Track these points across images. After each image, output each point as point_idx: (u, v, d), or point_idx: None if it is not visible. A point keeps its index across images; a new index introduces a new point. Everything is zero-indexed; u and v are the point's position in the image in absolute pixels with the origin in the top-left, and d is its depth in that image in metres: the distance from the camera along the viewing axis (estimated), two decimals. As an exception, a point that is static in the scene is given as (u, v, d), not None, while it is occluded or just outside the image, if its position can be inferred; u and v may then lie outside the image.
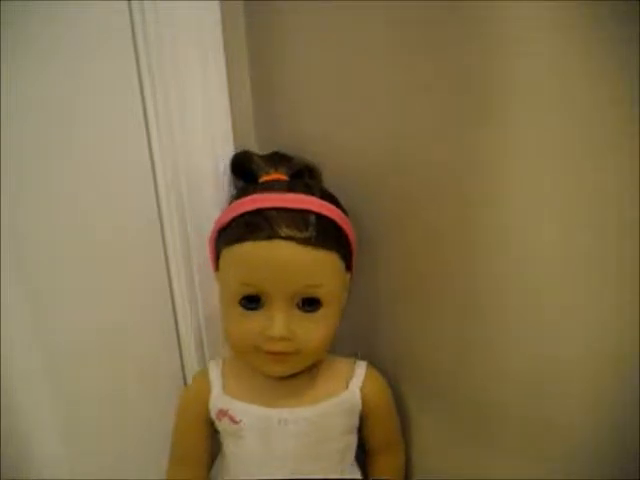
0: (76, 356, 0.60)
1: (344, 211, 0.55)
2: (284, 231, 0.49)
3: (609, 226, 0.40)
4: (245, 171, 0.59)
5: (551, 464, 0.49)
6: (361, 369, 0.58)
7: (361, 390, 0.57)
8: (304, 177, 0.59)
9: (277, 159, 0.58)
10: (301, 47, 0.59)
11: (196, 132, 0.62)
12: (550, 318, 0.45)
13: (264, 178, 0.56)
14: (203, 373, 0.60)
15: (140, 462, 0.60)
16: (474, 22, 0.43)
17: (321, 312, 0.52)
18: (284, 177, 0.56)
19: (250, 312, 0.52)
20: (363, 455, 0.63)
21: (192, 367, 0.68)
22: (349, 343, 0.65)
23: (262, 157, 0.59)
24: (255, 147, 0.67)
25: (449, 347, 0.54)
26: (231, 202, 0.54)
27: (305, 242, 0.49)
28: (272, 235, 0.49)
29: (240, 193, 0.55)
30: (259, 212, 0.50)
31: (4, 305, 0.55)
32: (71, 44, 0.54)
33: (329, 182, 0.60)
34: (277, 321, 0.50)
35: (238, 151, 0.61)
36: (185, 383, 0.68)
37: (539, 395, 0.48)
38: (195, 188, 0.63)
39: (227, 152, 0.64)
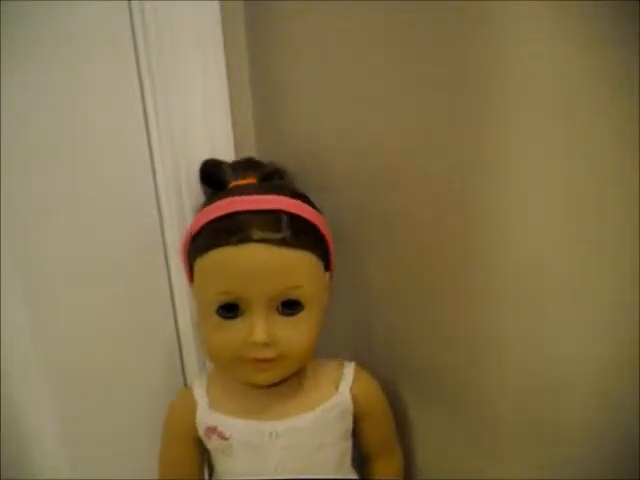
0: (76, 357, 0.60)
1: (317, 209, 0.53)
2: (257, 234, 0.47)
3: (609, 227, 0.40)
4: (214, 179, 0.57)
5: (551, 465, 0.48)
6: (349, 370, 0.57)
7: (351, 391, 0.56)
8: (274, 180, 0.57)
9: (246, 165, 0.57)
10: (301, 47, 0.58)
11: (196, 132, 0.62)
12: (550, 319, 0.45)
13: (233, 184, 0.54)
14: (187, 391, 0.58)
15: (140, 463, 0.60)
16: (474, 22, 0.43)
17: (302, 314, 0.50)
18: (254, 181, 0.55)
19: (229, 321, 0.50)
20: (360, 460, 0.62)
21: (192, 367, 0.68)
22: (344, 344, 0.65)
23: (231, 164, 0.57)
24: (255, 147, 0.67)
25: (447, 348, 0.54)
26: (200, 210, 0.53)
27: (280, 243, 0.48)
28: (245, 239, 0.47)
29: (209, 200, 0.53)
30: (229, 217, 0.49)
31: (4, 305, 0.55)
32: (71, 44, 0.54)
33: (327, 181, 0.60)
34: (258, 326, 0.48)
35: (205, 159, 0.60)
36: (185, 384, 0.69)
37: (539, 396, 0.48)
38: (195, 188, 0.63)
39: (227, 152, 0.64)
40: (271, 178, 0.57)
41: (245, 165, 0.57)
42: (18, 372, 0.57)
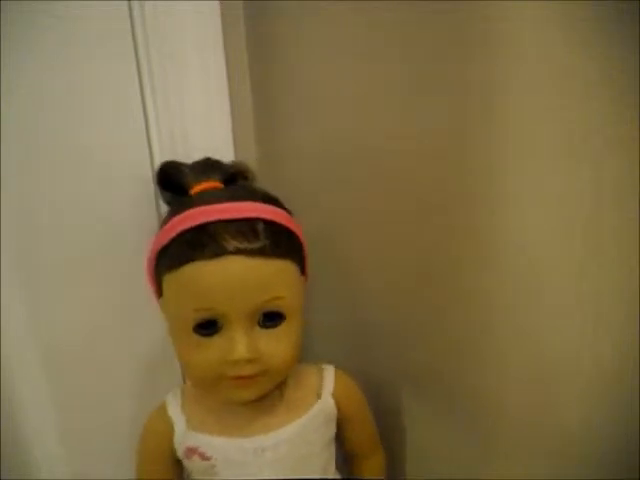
0: (76, 357, 0.60)
1: (289, 212, 0.51)
2: (232, 245, 0.44)
3: (609, 226, 0.40)
4: (174, 183, 0.53)
5: (551, 464, 0.49)
6: (329, 374, 0.55)
7: (333, 396, 0.54)
8: (238, 181, 0.54)
9: (207, 167, 0.53)
10: (301, 47, 0.58)
11: (196, 132, 0.62)
12: (550, 318, 0.45)
13: (196, 189, 0.51)
14: (161, 411, 0.54)
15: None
16: (474, 22, 0.43)
17: (284, 325, 0.48)
18: (217, 184, 0.51)
19: (207, 339, 0.46)
20: (342, 460, 0.61)
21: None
22: (342, 343, 0.65)
23: (190, 166, 0.53)
24: (255, 148, 0.67)
25: (445, 347, 0.54)
26: (166, 220, 0.49)
27: (257, 253, 0.45)
28: (220, 251, 0.44)
29: (175, 209, 0.49)
30: (202, 228, 0.45)
31: (4, 305, 0.55)
32: (71, 44, 0.54)
33: (325, 180, 0.60)
34: (239, 343, 0.45)
35: (163, 162, 0.55)
36: (184, 382, 0.68)
37: (539, 396, 0.48)
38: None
39: (227, 152, 0.64)
40: (235, 179, 0.54)
41: (205, 166, 0.53)
42: (18, 373, 0.57)
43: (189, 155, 0.61)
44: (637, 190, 0.37)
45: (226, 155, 0.63)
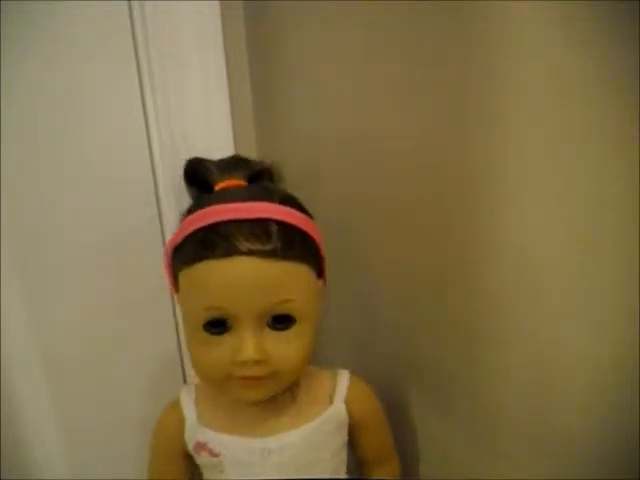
0: (76, 357, 0.60)
1: (308, 214, 0.50)
2: (244, 245, 0.44)
3: (609, 226, 0.40)
4: (199, 179, 0.52)
5: (551, 465, 0.49)
6: (343, 379, 0.54)
7: (346, 402, 0.53)
8: (263, 180, 0.54)
9: (232, 164, 0.53)
10: (301, 46, 0.58)
11: (196, 132, 0.62)
12: (550, 318, 0.45)
13: (219, 186, 0.50)
14: (174, 405, 0.55)
15: (140, 463, 0.60)
16: (475, 23, 0.43)
17: (295, 328, 0.47)
18: (241, 182, 0.51)
19: (217, 337, 0.46)
20: (355, 466, 0.60)
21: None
22: (347, 343, 0.65)
23: (216, 163, 0.53)
24: (255, 147, 0.67)
25: (448, 347, 0.54)
26: (184, 217, 0.49)
27: (269, 255, 0.44)
28: (231, 251, 0.44)
29: (193, 206, 0.49)
30: (214, 227, 0.45)
31: (4, 305, 0.55)
32: (72, 44, 0.54)
33: (326, 180, 0.60)
34: (247, 344, 0.45)
35: (190, 158, 0.55)
36: (185, 381, 0.69)
37: (539, 396, 0.48)
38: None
39: (227, 152, 0.64)
40: (260, 177, 0.53)
41: (231, 164, 0.53)
42: (18, 374, 0.57)
43: (189, 155, 0.61)
44: (637, 190, 0.37)
45: (226, 155, 0.63)
